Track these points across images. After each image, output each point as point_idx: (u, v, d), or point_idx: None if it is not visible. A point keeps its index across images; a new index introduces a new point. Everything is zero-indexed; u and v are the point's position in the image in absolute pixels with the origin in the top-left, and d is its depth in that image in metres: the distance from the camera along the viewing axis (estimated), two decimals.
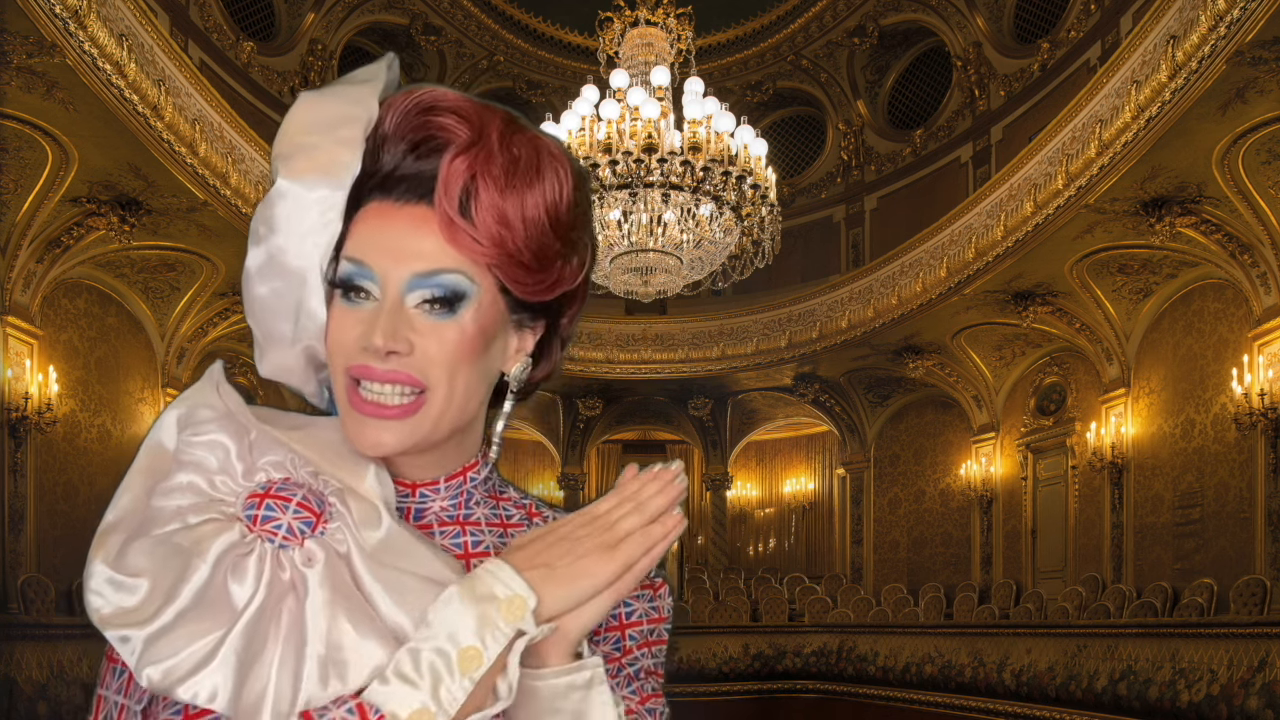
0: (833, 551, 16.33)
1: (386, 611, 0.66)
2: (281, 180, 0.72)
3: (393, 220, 0.73)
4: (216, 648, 0.62)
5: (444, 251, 0.72)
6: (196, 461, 0.71)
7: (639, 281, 9.22)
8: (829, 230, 15.96)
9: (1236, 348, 9.34)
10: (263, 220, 0.73)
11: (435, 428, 0.74)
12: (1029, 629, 10.25)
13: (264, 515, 0.68)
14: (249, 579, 0.65)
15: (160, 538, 0.66)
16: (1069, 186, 9.33)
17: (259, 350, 0.78)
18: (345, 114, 0.73)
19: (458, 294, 0.72)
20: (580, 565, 0.66)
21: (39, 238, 8.70)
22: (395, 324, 0.71)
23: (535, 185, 0.73)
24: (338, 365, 0.74)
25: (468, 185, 0.71)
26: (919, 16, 13.95)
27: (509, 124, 0.74)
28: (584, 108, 8.45)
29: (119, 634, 0.64)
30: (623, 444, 17.48)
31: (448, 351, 0.73)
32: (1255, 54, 7.14)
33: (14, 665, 7.27)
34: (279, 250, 0.73)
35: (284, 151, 0.73)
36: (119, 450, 10.07)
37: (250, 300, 0.76)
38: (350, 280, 0.73)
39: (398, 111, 0.74)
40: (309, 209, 0.72)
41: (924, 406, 14.33)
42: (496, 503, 0.83)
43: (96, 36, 7.29)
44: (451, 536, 0.79)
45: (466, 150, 0.72)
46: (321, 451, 0.72)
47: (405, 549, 0.68)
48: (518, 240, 0.72)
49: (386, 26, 14.21)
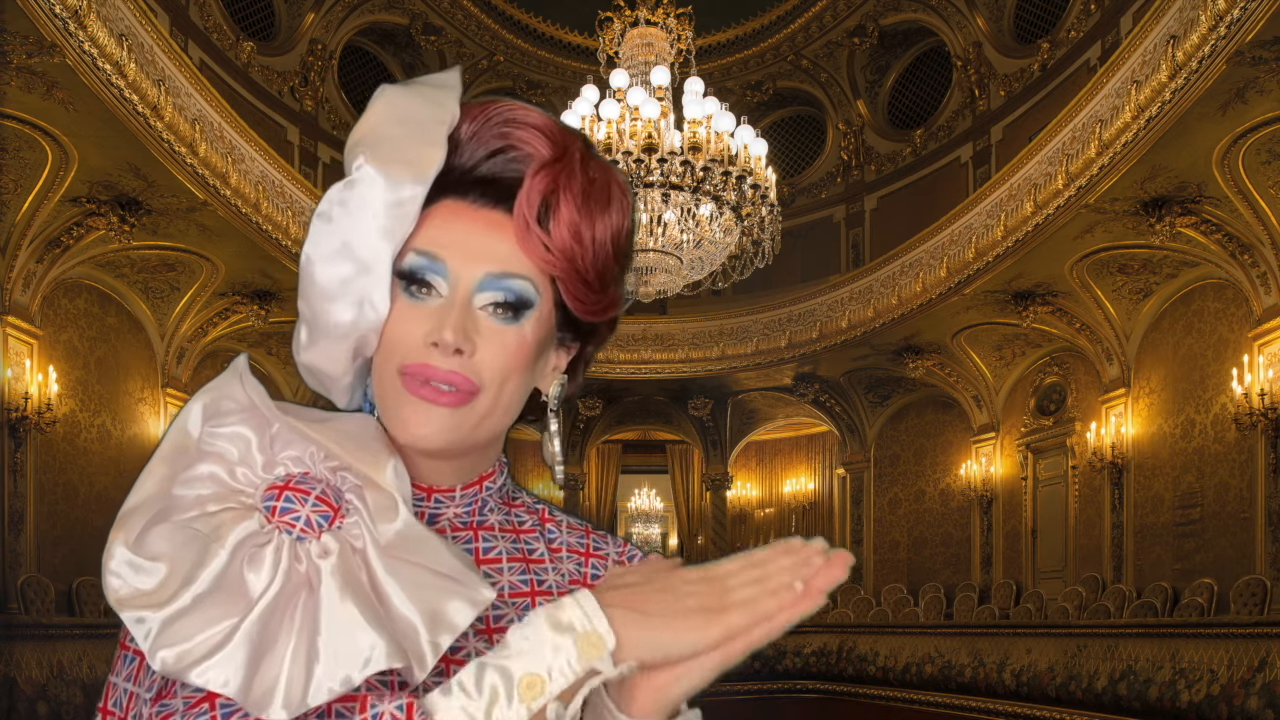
0: None
1: (399, 604, 0.65)
2: (367, 166, 0.71)
3: (468, 220, 0.74)
4: (231, 634, 0.62)
5: (517, 257, 0.73)
6: (218, 452, 0.70)
7: (639, 281, 9.22)
8: (829, 230, 15.95)
9: (1237, 348, 9.34)
10: (339, 202, 0.72)
11: (477, 428, 0.74)
12: (1029, 629, 10.25)
13: (283, 507, 0.68)
14: (265, 569, 0.65)
15: (180, 524, 0.66)
16: (1069, 186, 9.33)
17: (307, 336, 0.76)
18: (431, 113, 0.74)
19: (525, 301, 0.73)
20: (677, 620, 0.63)
21: (39, 238, 8.70)
22: (465, 322, 0.72)
23: (606, 211, 0.75)
24: (392, 361, 0.73)
25: (548, 198, 0.73)
26: (919, 16, 13.95)
27: (587, 149, 0.76)
28: (584, 108, 8.45)
29: (135, 615, 0.63)
30: (623, 444, 17.49)
31: (506, 358, 0.73)
32: (1255, 54, 7.14)
33: (14, 665, 7.27)
34: (354, 235, 0.72)
35: (369, 139, 0.73)
36: (119, 450, 10.07)
37: (310, 284, 0.74)
38: (418, 273, 0.73)
39: (479, 119, 0.75)
40: (390, 197, 0.72)
41: (924, 406, 14.33)
42: (509, 509, 0.84)
43: (96, 36, 7.29)
44: (464, 543, 0.79)
45: (551, 165, 0.73)
46: (343, 444, 0.71)
47: (420, 543, 0.68)
48: (586, 258, 0.74)
49: (386, 26, 14.22)
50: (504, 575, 0.79)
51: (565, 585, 0.81)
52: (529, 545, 0.82)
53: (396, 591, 0.66)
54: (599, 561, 0.83)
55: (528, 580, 0.79)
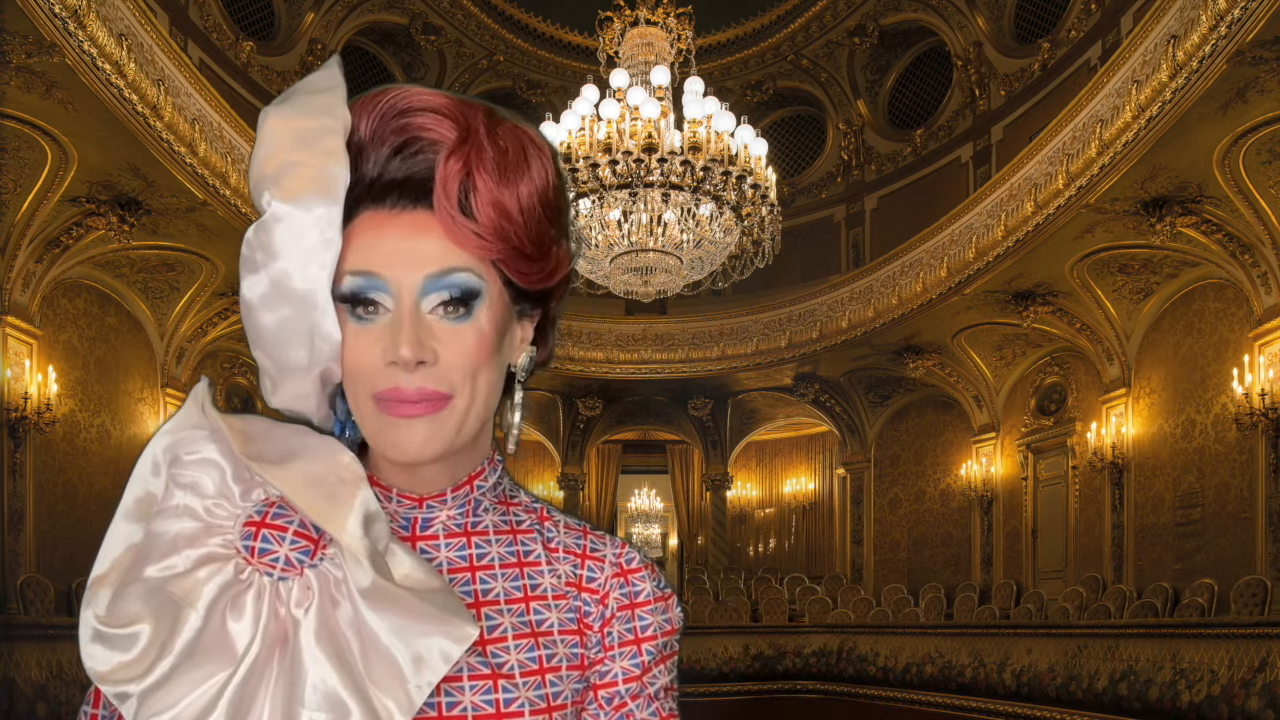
0: (833, 552, 16.33)
1: (386, 643, 0.66)
2: (276, 204, 0.69)
3: (391, 227, 0.71)
4: (218, 696, 0.63)
5: (450, 251, 0.71)
6: (191, 483, 0.70)
7: (639, 281, 9.21)
8: (829, 230, 15.95)
9: (1237, 348, 9.34)
10: (259, 247, 0.70)
11: (460, 432, 0.73)
12: (1029, 629, 10.24)
13: (261, 548, 0.67)
14: (247, 618, 0.65)
15: (154, 585, 0.66)
16: (1069, 186, 9.32)
17: (271, 383, 0.75)
18: (321, 126, 0.71)
19: (471, 292, 0.72)
20: None
21: (38, 237, 8.70)
22: (418, 332, 0.70)
23: (525, 174, 0.73)
24: (361, 390, 0.72)
25: (464, 183, 0.70)
26: (919, 16, 13.94)
27: (490, 117, 0.73)
28: (584, 107, 8.44)
29: (117, 690, 0.64)
30: (623, 444, 17.47)
31: (469, 356, 0.72)
32: (1256, 53, 7.13)
33: (13, 665, 7.26)
34: (283, 275, 0.70)
35: (269, 173, 0.70)
36: (118, 450, 10.06)
37: (257, 331, 0.73)
38: (360, 294, 0.71)
39: (373, 116, 0.72)
40: (309, 229, 0.69)
41: (924, 406, 14.33)
42: (506, 508, 0.83)
43: (96, 36, 7.28)
44: (457, 549, 0.78)
45: (459, 149, 0.71)
46: (306, 493, 0.69)
47: (392, 601, 0.67)
48: (519, 232, 0.72)
49: (386, 26, 14.21)
50: (498, 581, 0.78)
51: (561, 588, 0.80)
52: (526, 546, 0.81)
53: (384, 630, 0.66)
54: (596, 564, 0.82)
55: (521, 585, 0.79)
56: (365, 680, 0.65)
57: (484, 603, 0.77)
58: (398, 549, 0.71)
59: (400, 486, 0.78)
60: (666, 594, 0.83)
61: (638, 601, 0.81)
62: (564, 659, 0.77)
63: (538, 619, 0.78)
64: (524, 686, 0.74)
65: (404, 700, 0.65)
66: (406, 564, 0.70)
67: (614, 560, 0.82)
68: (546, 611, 0.79)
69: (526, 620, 0.77)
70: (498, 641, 0.75)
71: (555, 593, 0.80)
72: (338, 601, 0.67)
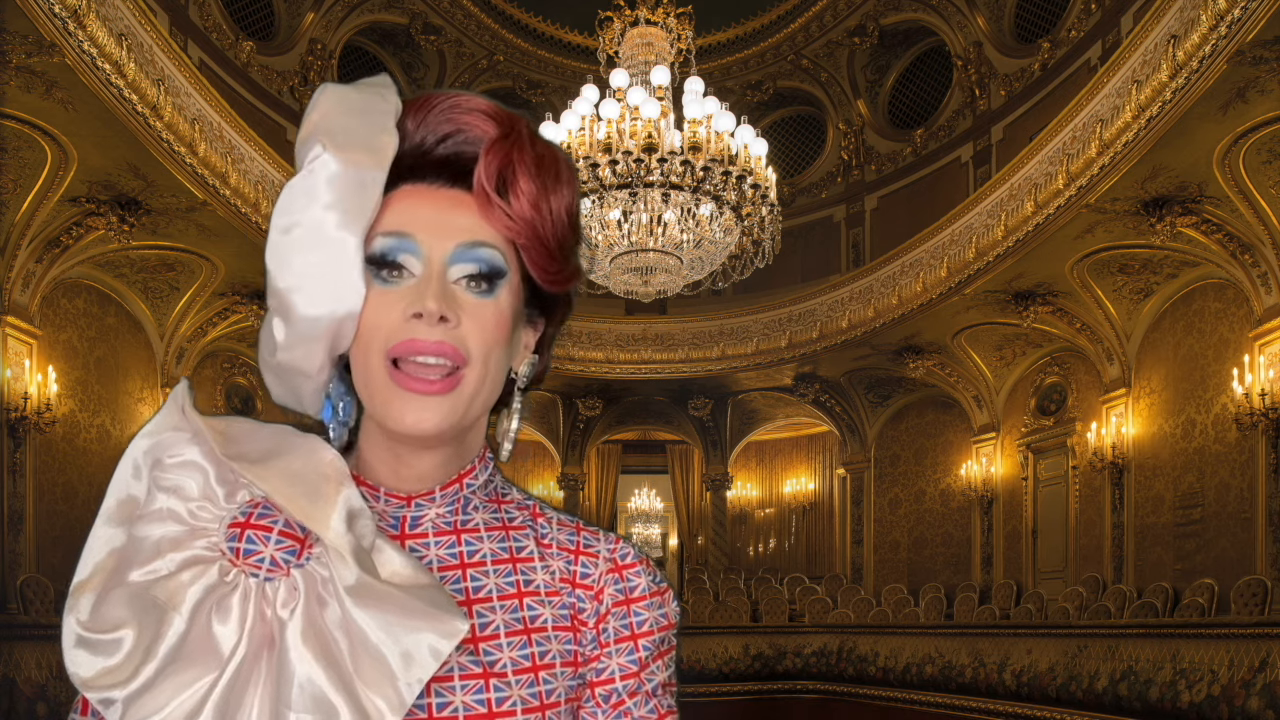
0: (833, 552, 16.33)
1: (374, 640, 0.65)
2: (326, 153, 0.71)
3: (429, 199, 0.75)
4: (204, 700, 0.62)
5: (482, 227, 0.75)
6: (174, 486, 0.70)
7: (639, 281, 9.21)
8: (829, 230, 15.95)
9: (1237, 348, 9.33)
10: (302, 192, 0.72)
11: (469, 408, 0.74)
12: (1030, 629, 10.24)
13: (246, 549, 0.67)
14: (233, 620, 0.65)
15: (138, 589, 0.66)
16: (1069, 186, 9.31)
17: (284, 336, 0.73)
18: (374, 103, 0.75)
19: (497, 270, 0.74)
20: None
21: (38, 237, 8.69)
22: (445, 292, 0.72)
23: (559, 184, 0.77)
24: (375, 348, 0.72)
25: (503, 172, 0.74)
26: (919, 16, 13.94)
27: (531, 128, 0.78)
28: (584, 107, 8.44)
29: (102, 696, 0.63)
30: (623, 444, 17.47)
31: (488, 332, 0.73)
32: (1256, 53, 7.13)
33: (13, 665, 7.26)
34: (320, 221, 0.71)
35: (322, 128, 0.72)
36: (118, 450, 9.83)
37: (281, 269, 0.72)
38: (388, 255, 0.73)
39: (423, 110, 0.76)
40: (353, 182, 0.72)
41: (924, 406, 14.32)
42: (498, 506, 0.83)
43: (95, 36, 7.27)
44: (447, 546, 0.78)
45: (502, 141, 0.75)
46: (288, 491, 0.69)
47: (380, 599, 0.67)
48: (546, 226, 0.76)
49: (386, 26, 14.21)
50: (490, 578, 0.78)
51: (555, 584, 0.80)
52: (519, 542, 0.81)
53: (372, 627, 0.65)
54: (590, 559, 0.81)
55: (514, 581, 0.79)
56: (354, 679, 0.64)
57: (475, 600, 0.76)
58: (386, 546, 0.70)
59: (388, 485, 0.77)
60: (662, 589, 0.82)
61: (633, 597, 0.81)
62: (557, 655, 0.77)
63: (531, 615, 0.77)
64: (517, 685, 0.74)
65: (394, 698, 0.65)
66: (395, 561, 0.69)
67: (608, 555, 0.82)
68: (540, 607, 0.78)
69: (519, 616, 0.77)
70: (490, 639, 0.75)
71: (549, 589, 0.79)
72: (325, 601, 0.66)
